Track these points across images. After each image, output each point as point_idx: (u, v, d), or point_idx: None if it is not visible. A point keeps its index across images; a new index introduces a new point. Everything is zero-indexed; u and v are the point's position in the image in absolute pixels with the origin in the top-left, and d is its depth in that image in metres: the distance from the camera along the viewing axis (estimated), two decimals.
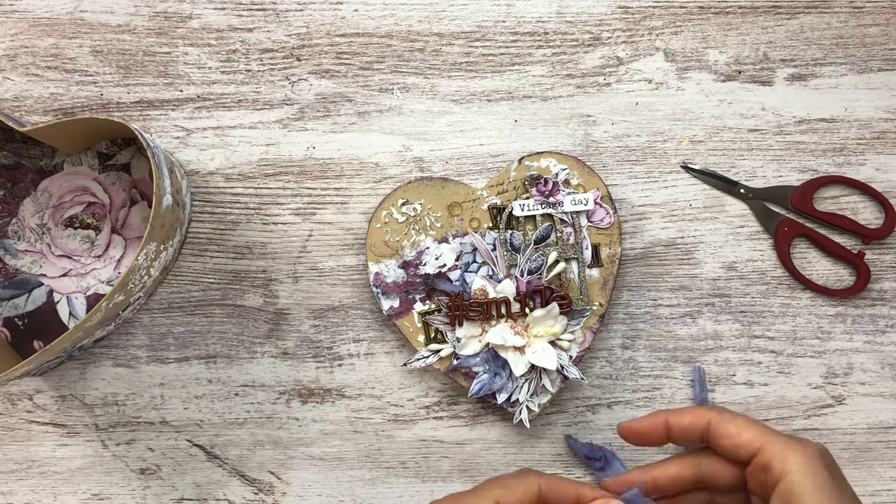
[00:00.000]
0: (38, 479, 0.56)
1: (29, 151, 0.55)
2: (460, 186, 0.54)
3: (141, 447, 0.56)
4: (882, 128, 0.56)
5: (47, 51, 0.56)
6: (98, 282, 0.55)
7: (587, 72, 0.56)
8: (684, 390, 0.55)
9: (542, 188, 0.53)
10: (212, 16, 0.56)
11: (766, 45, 0.56)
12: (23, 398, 0.56)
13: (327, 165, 0.56)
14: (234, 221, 0.56)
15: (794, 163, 0.56)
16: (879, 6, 0.56)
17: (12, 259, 0.55)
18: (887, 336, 0.55)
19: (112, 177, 0.56)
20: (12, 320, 0.55)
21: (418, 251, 0.54)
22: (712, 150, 0.56)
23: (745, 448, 0.38)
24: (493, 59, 0.56)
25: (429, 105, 0.56)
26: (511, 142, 0.56)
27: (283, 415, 0.56)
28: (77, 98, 0.56)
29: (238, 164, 0.56)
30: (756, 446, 0.38)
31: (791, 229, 0.54)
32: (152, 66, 0.56)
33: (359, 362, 0.56)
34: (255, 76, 0.56)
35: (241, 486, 0.56)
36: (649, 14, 0.56)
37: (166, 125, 0.56)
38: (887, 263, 0.55)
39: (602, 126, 0.56)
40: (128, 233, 0.55)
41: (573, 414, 0.55)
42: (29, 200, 0.55)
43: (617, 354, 0.55)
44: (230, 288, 0.56)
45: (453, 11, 0.56)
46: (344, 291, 0.56)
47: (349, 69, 0.56)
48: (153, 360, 0.56)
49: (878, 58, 0.56)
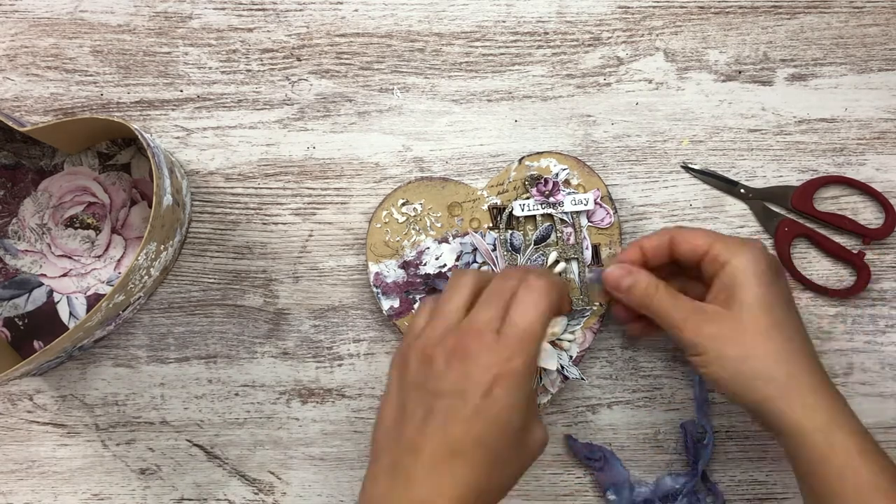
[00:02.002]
0: (38, 479, 0.56)
1: (29, 151, 0.55)
2: (460, 186, 0.54)
3: (141, 447, 0.56)
4: (882, 128, 0.56)
5: (47, 51, 0.56)
6: (98, 282, 0.55)
7: (587, 72, 0.56)
8: (684, 390, 0.55)
9: (543, 188, 0.53)
10: (212, 16, 0.56)
11: (766, 45, 0.56)
12: (23, 398, 0.56)
13: (327, 165, 0.56)
14: (235, 221, 0.56)
15: (794, 163, 0.56)
16: (879, 6, 0.56)
17: (12, 259, 0.55)
18: (887, 336, 0.55)
19: (112, 177, 0.56)
20: (12, 320, 0.55)
21: (418, 251, 0.54)
22: (712, 150, 0.56)
23: (700, 248, 0.46)
24: (494, 59, 0.56)
25: (429, 105, 0.56)
26: (511, 142, 0.56)
27: (284, 415, 0.56)
28: (77, 98, 0.56)
29: (238, 164, 0.56)
30: (708, 245, 0.46)
31: (791, 229, 0.54)
32: (152, 66, 0.56)
33: (359, 362, 0.56)
34: (255, 76, 0.56)
35: (241, 486, 0.56)
36: (649, 14, 0.56)
37: (166, 125, 0.56)
38: (887, 263, 0.55)
39: (602, 126, 0.56)
40: (128, 233, 0.55)
41: (573, 414, 0.55)
42: (29, 200, 0.55)
43: (617, 354, 0.55)
44: (230, 288, 0.56)
45: (453, 11, 0.56)
46: (344, 291, 0.56)
47: (349, 69, 0.56)
48: (153, 360, 0.56)
49: (879, 58, 0.56)
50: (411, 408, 0.41)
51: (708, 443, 0.54)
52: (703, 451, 0.54)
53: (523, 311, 0.41)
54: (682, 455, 0.55)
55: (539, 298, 0.41)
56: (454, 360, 0.40)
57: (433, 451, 0.39)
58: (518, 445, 0.41)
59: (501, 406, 0.39)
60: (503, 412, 0.39)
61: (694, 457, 0.54)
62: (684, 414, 0.55)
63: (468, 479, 0.39)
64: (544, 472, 0.56)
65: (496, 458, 0.40)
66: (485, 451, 0.39)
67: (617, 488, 0.54)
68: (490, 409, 0.39)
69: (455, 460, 0.39)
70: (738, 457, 0.55)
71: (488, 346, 0.40)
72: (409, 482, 0.39)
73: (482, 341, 0.40)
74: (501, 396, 0.39)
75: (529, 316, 0.40)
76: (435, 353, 0.41)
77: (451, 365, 0.40)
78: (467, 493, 0.39)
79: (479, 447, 0.39)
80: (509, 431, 0.40)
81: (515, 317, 0.40)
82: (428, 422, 0.40)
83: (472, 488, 0.39)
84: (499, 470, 0.40)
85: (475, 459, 0.39)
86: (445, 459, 0.39)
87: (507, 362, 0.39)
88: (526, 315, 0.40)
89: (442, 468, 0.39)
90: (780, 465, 0.55)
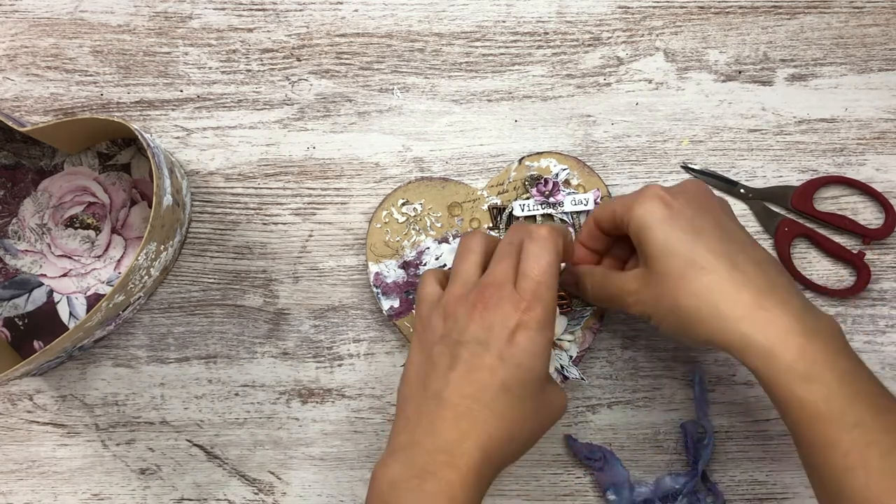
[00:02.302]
0: (38, 479, 0.56)
1: (29, 151, 0.55)
2: (460, 186, 0.54)
3: (141, 447, 0.56)
4: (882, 128, 0.56)
5: (47, 51, 0.56)
6: (98, 282, 0.55)
7: (587, 72, 0.56)
8: (684, 390, 0.55)
9: (543, 188, 0.53)
10: (212, 16, 0.56)
11: (766, 45, 0.56)
12: (23, 398, 0.56)
13: (327, 165, 0.56)
14: (235, 221, 0.56)
15: (794, 163, 0.56)
16: (879, 6, 0.56)
17: (12, 259, 0.55)
18: (887, 336, 0.55)
19: (112, 177, 0.56)
20: (12, 320, 0.55)
21: (418, 251, 0.54)
22: (712, 150, 0.56)
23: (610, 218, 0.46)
24: (494, 59, 0.56)
25: (429, 105, 0.56)
26: (511, 142, 0.56)
27: (283, 415, 0.56)
28: (77, 98, 0.56)
29: (238, 164, 0.56)
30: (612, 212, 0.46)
31: (791, 229, 0.54)
32: (152, 66, 0.56)
33: (359, 362, 0.56)
34: (255, 76, 0.56)
35: (241, 486, 0.56)
36: (649, 14, 0.56)
37: (166, 125, 0.56)
38: (887, 263, 0.55)
39: (602, 126, 0.56)
40: (128, 233, 0.55)
41: (573, 414, 0.55)
42: (29, 200, 0.55)
43: (617, 354, 0.55)
44: (230, 288, 0.56)
45: (453, 11, 0.56)
46: (344, 291, 0.56)
47: (349, 69, 0.56)
48: (153, 360, 0.56)
49: (879, 58, 0.56)
50: (435, 359, 0.42)
51: (708, 443, 0.54)
52: (703, 451, 0.54)
53: (534, 262, 0.42)
54: (682, 455, 0.55)
55: (544, 247, 0.42)
56: (476, 311, 0.41)
57: (458, 398, 0.40)
58: (540, 396, 0.42)
59: (524, 351, 0.40)
60: (525, 358, 0.40)
61: (694, 457, 0.54)
62: (684, 414, 0.55)
63: (491, 427, 0.40)
64: (544, 472, 0.56)
65: (520, 406, 0.41)
66: (509, 398, 0.40)
67: (617, 488, 0.54)
68: (514, 355, 0.40)
69: (479, 407, 0.40)
70: (738, 457, 0.55)
71: (507, 297, 0.41)
72: (434, 429, 0.40)
73: (501, 293, 0.41)
74: (523, 342, 0.40)
75: (540, 265, 0.42)
76: (457, 309, 0.42)
77: (472, 317, 0.41)
78: (490, 441, 0.40)
79: (503, 393, 0.40)
80: (533, 378, 0.41)
81: (527, 269, 0.42)
82: (453, 370, 0.41)
83: (494, 437, 0.40)
84: (521, 421, 0.41)
85: (499, 407, 0.40)
86: (470, 406, 0.40)
87: (527, 311, 0.41)
88: (537, 265, 0.42)
89: (467, 415, 0.40)
90: (780, 465, 0.55)
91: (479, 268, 0.44)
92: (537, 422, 0.42)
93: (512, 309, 0.41)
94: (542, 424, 0.43)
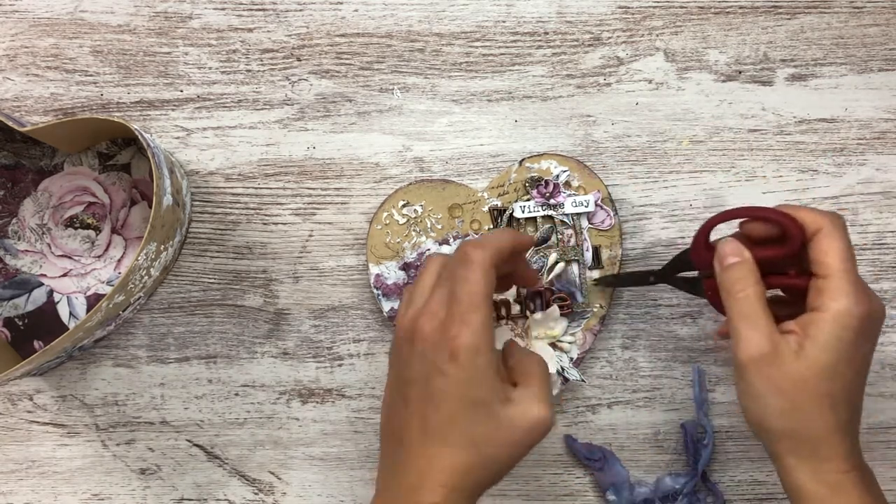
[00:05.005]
0: (38, 479, 0.56)
1: (29, 151, 0.55)
2: (461, 188, 0.54)
3: (141, 447, 0.56)
4: (882, 128, 0.56)
5: (47, 51, 0.56)
6: (98, 282, 0.55)
7: (587, 72, 0.56)
8: (684, 390, 0.55)
9: (543, 190, 0.53)
10: (212, 16, 0.56)
11: (766, 46, 0.56)
12: (23, 398, 0.56)
13: (327, 165, 0.56)
14: (235, 221, 0.56)
15: (794, 163, 0.56)
16: (879, 6, 0.56)
17: (12, 259, 0.55)
18: (887, 336, 0.55)
19: (112, 177, 0.56)
20: (12, 320, 0.55)
21: (419, 253, 0.54)
22: (712, 150, 0.56)
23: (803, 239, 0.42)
24: (493, 59, 0.56)
25: (429, 105, 0.56)
26: (511, 142, 0.56)
27: (283, 415, 0.56)
28: (77, 98, 0.56)
29: (238, 164, 0.56)
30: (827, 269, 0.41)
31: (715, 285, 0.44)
32: (152, 66, 0.56)
33: (359, 362, 0.56)
34: (255, 76, 0.56)
35: (241, 486, 0.56)
36: (649, 14, 0.56)
37: (166, 125, 0.56)
38: (887, 263, 0.55)
39: (602, 126, 0.56)
40: (128, 233, 0.55)
41: (573, 414, 0.56)
42: (29, 200, 0.55)
43: (617, 355, 0.55)
44: (230, 288, 0.56)
45: (453, 11, 0.56)
46: (344, 292, 0.56)
47: (349, 69, 0.56)
48: (153, 360, 0.56)
49: (879, 58, 0.56)
50: (394, 398, 0.43)
51: (708, 443, 0.54)
52: (703, 451, 0.54)
53: (461, 284, 0.40)
54: (682, 455, 0.55)
55: (471, 269, 0.40)
56: (415, 346, 0.41)
57: (413, 438, 0.41)
58: (493, 419, 0.40)
59: (459, 381, 0.39)
60: (462, 387, 0.39)
61: (694, 457, 0.54)
62: (684, 414, 0.55)
63: (449, 462, 0.40)
64: (544, 472, 0.56)
65: (475, 431, 0.40)
66: (461, 428, 0.40)
67: (617, 488, 0.54)
68: (454, 384, 0.39)
69: (433, 444, 0.40)
70: (738, 457, 0.55)
71: (439, 326, 0.40)
72: (400, 471, 0.41)
73: (433, 323, 0.40)
74: (456, 373, 0.39)
75: (466, 287, 0.40)
76: (402, 346, 0.42)
77: (413, 352, 0.41)
78: (452, 475, 0.39)
79: (452, 427, 0.40)
80: (477, 405, 0.40)
81: (457, 292, 0.40)
82: (406, 410, 0.41)
83: (456, 470, 0.40)
84: (482, 445, 0.40)
85: (452, 440, 0.40)
86: (425, 444, 0.40)
87: (455, 338, 0.39)
88: (463, 288, 0.40)
89: (423, 453, 0.40)
90: None
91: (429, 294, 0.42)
92: (501, 441, 0.40)
93: (442, 338, 0.40)
94: (512, 440, 0.40)
